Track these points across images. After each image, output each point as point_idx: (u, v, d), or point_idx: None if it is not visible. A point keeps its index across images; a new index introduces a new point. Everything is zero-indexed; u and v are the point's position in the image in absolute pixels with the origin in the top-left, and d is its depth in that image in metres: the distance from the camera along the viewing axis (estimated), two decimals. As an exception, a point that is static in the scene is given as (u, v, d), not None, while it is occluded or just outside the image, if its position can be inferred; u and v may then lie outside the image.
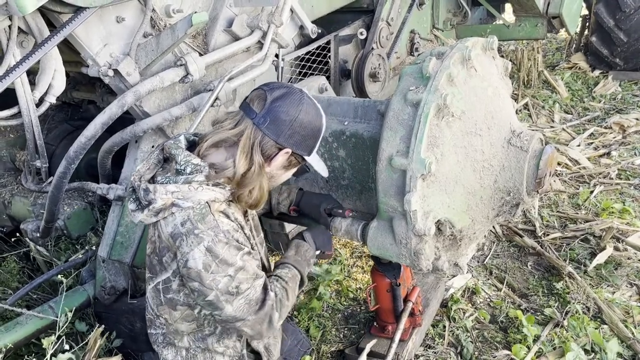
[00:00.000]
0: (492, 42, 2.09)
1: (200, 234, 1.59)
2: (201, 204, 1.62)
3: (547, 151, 2.06)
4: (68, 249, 3.14)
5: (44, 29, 2.12)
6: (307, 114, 1.69)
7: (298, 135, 1.69)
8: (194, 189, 1.61)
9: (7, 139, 3.44)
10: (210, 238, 1.59)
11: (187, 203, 1.60)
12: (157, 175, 1.71)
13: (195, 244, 1.58)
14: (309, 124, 1.70)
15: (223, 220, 1.65)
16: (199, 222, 1.60)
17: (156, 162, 1.74)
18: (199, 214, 1.61)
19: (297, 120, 1.66)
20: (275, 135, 1.65)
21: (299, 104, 1.67)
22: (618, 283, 3.22)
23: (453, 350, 2.85)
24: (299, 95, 1.69)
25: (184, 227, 1.60)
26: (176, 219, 1.61)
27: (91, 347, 2.33)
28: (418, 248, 1.95)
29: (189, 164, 1.65)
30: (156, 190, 1.60)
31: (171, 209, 1.61)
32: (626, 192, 4.18)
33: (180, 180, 1.63)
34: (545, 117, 5.81)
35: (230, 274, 1.62)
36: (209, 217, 1.62)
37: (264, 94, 1.67)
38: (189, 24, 2.17)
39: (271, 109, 1.64)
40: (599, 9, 6.25)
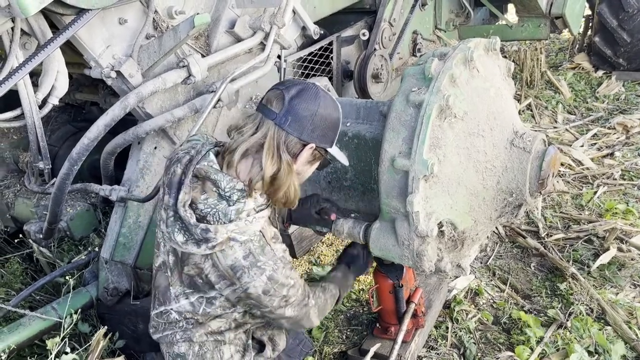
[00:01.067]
0: (494, 43, 2.09)
1: (262, 265, 1.70)
2: (257, 235, 1.72)
3: (550, 152, 2.05)
4: (71, 250, 3.14)
5: (47, 30, 2.12)
6: (326, 107, 1.72)
7: (320, 129, 1.72)
8: (249, 222, 1.69)
9: (10, 141, 3.45)
10: (270, 268, 1.72)
11: (244, 237, 1.68)
12: (195, 200, 1.70)
13: (258, 275, 1.70)
14: (329, 116, 1.73)
15: (278, 247, 1.78)
16: (260, 255, 1.71)
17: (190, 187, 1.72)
18: (258, 247, 1.71)
19: (317, 114, 1.69)
20: (298, 132, 1.68)
21: (316, 99, 1.69)
22: (622, 284, 3.20)
23: (456, 351, 2.85)
24: (315, 90, 1.72)
25: (247, 261, 1.69)
26: (236, 252, 1.68)
27: (94, 348, 2.34)
28: (420, 249, 1.95)
29: (234, 191, 1.68)
30: (217, 231, 1.65)
31: (229, 243, 1.67)
32: (630, 192, 4.16)
33: (231, 213, 1.67)
34: (548, 117, 5.80)
35: (284, 294, 1.78)
36: (267, 248, 1.73)
37: (280, 93, 1.68)
38: (191, 25, 2.17)
39: (291, 107, 1.66)
40: (602, 9, 6.23)
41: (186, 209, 1.68)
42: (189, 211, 1.67)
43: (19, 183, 3.36)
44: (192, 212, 1.68)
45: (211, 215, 1.68)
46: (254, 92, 2.91)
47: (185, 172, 1.75)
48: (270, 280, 1.71)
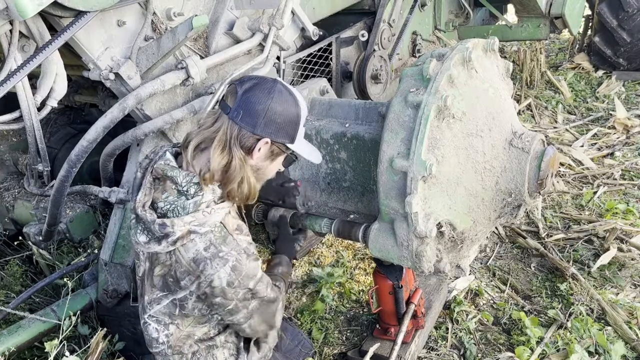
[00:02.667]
0: (492, 43, 2.09)
1: (224, 255, 1.67)
2: (217, 226, 1.70)
3: (549, 152, 2.05)
4: (70, 252, 3.14)
5: (45, 33, 2.12)
6: (281, 101, 1.68)
7: (274, 124, 1.69)
8: (207, 213, 1.67)
9: (9, 143, 3.45)
10: (234, 258, 1.69)
11: (204, 228, 1.66)
12: (155, 199, 1.72)
13: (221, 265, 1.67)
14: (284, 111, 1.69)
15: (241, 238, 1.75)
16: (222, 245, 1.68)
17: (150, 185, 1.76)
18: (219, 237, 1.69)
19: (271, 108, 1.66)
20: (251, 126, 1.66)
21: (270, 92, 1.67)
22: (622, 284, 3.20)
23: (456, 352, 2.85)
24: (271, 84, 1.69)
25: (208, 252, 1.67)
26: (197, 244, 1.67)
27: (93, 350, 2.33)
28: (419, 250, 1.95)
29: (191, 185, 1.68)
30: (174, 224, 1.64)
31: (190, 236, 1.66)
32: (630, 192, 4.16)
33: (190, 206, 1.67)
34: (548, 117, 5.80)
35: (250, 287, 1.75)
36: (229, 238, 1.71)
37: (234, 87, 1.69)
38: (189, 27, 2.17)
39: (243, 101, 1.65)
40: (602, 9, 6.24)
41: (145, 209, 1.69)
42: (148, 211, 1.68)
43: (18, 185, 3.37)
44: (152, 212, 1.69)
45: (171, 212, 1.69)
46: (253, 94, 2.91)
47: (144, 174, 1.78)
48: (234, 270, 1.68)
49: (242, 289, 1.73)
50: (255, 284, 1.76)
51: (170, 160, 1.75)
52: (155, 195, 1.73)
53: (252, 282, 1.74)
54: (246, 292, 1.75)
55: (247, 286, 1.73)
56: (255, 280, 1.76)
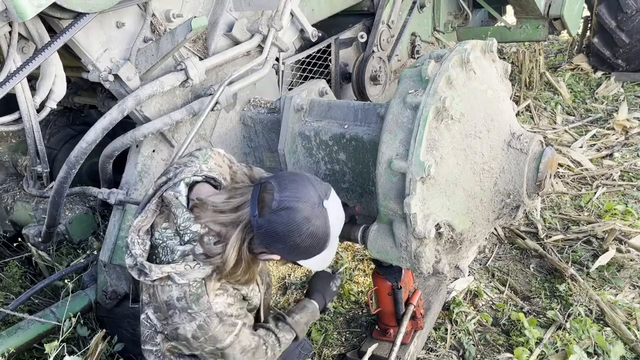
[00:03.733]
0: (491, 45, 2.09)
1: (193, 314, 1.61)
2: (197, 281, 1.61)
3: (547, 153, 2.06)
4: (70, 254, 3.14)
5: (44, 34, 2.12)
6: (309, 237, 1.55)
7: (292, 251, 1.60)
8: (190, 267, 1.59)
9: (9, 144, 3.45)
10: (202, 319, 1.62)
11: (182, 280, 1.59)
12: (155, 225, 1.67)
13: (187, 321, 1.62)
14: (310, 246, 1.59)
15: (219, 301, 1.65)
16: (193, 303, 1.61)
17: (155, 208, 1.70)
18: (194, 295, 1.61)
19: (296, 241, 1.55)
20: (265, 245, 1.59)
21: (303, 225, 1.53)
22: (621, 285, 3.20)
23: (455, 353, 2.85)
24: (309, 212, 1.53)
25: (179, 303, 1.61)
26: (172, 291, 1.61)
27: (93, 351, 2.33)
28: (418, 251, 1.95)
29: (188, 232, 1.61)
30: (151, 270, 1.59)
31: (167, 281, 1.61)
32: (629, 193, 4.16)
33: (177, 253, 1.60)
34: (547, 118, 5.80)
35: (217, 347, 1.68)
36: (203, 298, 1.62)
37: (272, 195, 1.54)
38: (188, 28, 2.17)
39: (271, 221, 1.52)
40: (601, 10, 6.23)
41: (140, 234, 1.64)
42: (141, 237, 1.63)
43: (17, 187, 3.36)
44: (144, 239, 1.64)
45: (161, 247, 1.64)
46: (252, 95, 2.92)
47: (153, 196, 1.72)
48: (201, 329, 1.63)
49: (208, 345, 1.67)
50: (224, 347, 1.69)
51: (181, 194, 1.66)
52: (157, 220, 1.67)
53: (219, 344, 1.67)
54: (214, 349, 1.69)
55: (215, 345, 1.67)
56: (225, 344, 1.68)
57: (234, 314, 1.70)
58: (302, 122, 2.42)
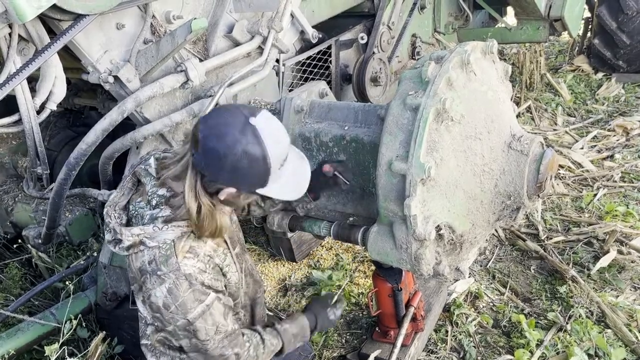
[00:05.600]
0: (491, 46, 2.09)
1: (162, 275, 1.60)
2: (167, 243, 1.62)
3: (548, 155, 2.05)
4: (70, 255, 3.14)
5: (44, 36, 2.13)
6: (245, 156, 1.52)
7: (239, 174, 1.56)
8: (158, 229, 1.61)
9: (9, 146, 3.45)
10: (171, 281, 1.60)
11: (152, 242, 1.61)
12: (131, 200, 1.73)
13: (157, 284, 1.61)
14: (249, 167, 1.55)
15: (187, 263, 1.63)
16: (162, 265, 1.61)
17: (130, 186, 1.76)
18: (163, 256, 1.61)
19: (234, 158, 1.52)
20: (214, 177, 1.57)
21: (234, 145, 1.51)
22: (622, 287, 3.20)
23: (456, 355, 2.84)
24: (236, 132, 1.52)
25: (150, 266, 1.62)
26: (144, 256, 1.63)
27: (93, 353, 2.33)
28: (418, 253, 1.94)
29: (155, 196, 1.66)
30: (122, 234, 1.62)
31: (140, 246, 1.63)
32: (630, 195, 4.16)
33: (146, 217, 1.65)
34: (548, 120, 5.79)
35: (188, 319, 1.64)
36: (172, 259, 1.61)
37: (197, 128, 1.57)
38: (188, 30, 2.17)
39: (205, 150, 1.53)
40: (602, 12, 6.23)
41: (116, 209, 1.69)
42: (117, 212, 1.69)
43: (17, 188, 3.37)
44: (120, 214, 1.69)
45: (134, 217, 1.69)
46: (252, 96, 2.92)
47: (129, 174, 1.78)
48: (170, 294, 1.60)
49: (180, 318, 1.63)
50: (195, 319, 1.64)
51: (150, 165, 1.72)
52: (133, 196, 1.74)
53: (190, 314, 1.63)
54: (186, 323, 1.64)
55: (186, 317, 1.63)
56: (195, 314, 1.64)
57: (205, 282, 1.66)
58: (303, 123, 2.41)
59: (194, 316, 1.64)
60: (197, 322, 1.65)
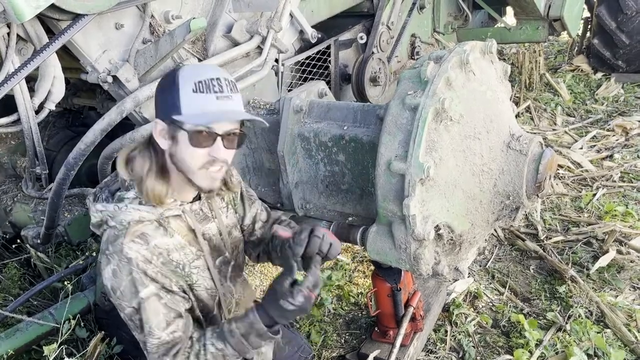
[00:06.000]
0: (490, 46, 2.09)
1: (108, 255, 1.58)
2: (123, 224, 1.59)
3: (547, 154, 2.05)
4: (69, 255, 3.13)
5: (43, 35, 2.12)
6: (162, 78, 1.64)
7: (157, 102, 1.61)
8: (118, 208, 1.60)
9: (8, 146, 3.45)
10: (115, 262, 1.56)
11: (112, 222, 1.61)
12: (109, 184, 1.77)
13: (105, 264, 1.59)
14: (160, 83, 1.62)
15: (132, 247, 1.55)
16: (110, 244, 1.58)
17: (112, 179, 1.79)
18: (113, 235, 1.59)
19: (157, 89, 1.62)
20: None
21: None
22: (621, 286, 3.20)
23: (455, 355, 2.84)
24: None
25: (104, 245, 1.61)
26: (105, 235, 1.63)
27: (91, 353, 2.33)
28: (417, 253, 1.94)
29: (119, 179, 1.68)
30: (90, 209, 1.66)
31: (104, 225, 1.64)
32: (629, 194, 4.16)
33: (116, 197, 1.66)
34: (547, 120, 5.80)
35: (134, 306, 1.58)
36: (119, 240, 1.56)
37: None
38: (187, 29, 2.16)
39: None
40: (601, 11, 6.24)
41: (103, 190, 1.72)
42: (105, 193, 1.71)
43: (16, 188, 3.36)
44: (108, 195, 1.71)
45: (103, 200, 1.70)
46: (251, 96, 2.91)
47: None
48: (114, 277, 1.55)
49: (126, 305, 1.57)
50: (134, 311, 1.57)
51: None
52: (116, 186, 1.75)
53: (134, 301, 1.56)
54: (132, 312, 1.58)
55: (131, 304, 1.57)
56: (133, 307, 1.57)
57: (148, 273, 1.56)
58: (302, 123, 2.41)
59: (133, 309, 1.58)
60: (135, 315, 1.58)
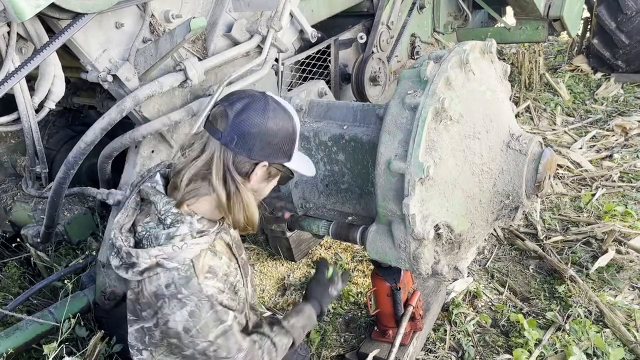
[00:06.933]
0: (490, 46, 2.09)
1: (183, 299, 1.54)
2: (186, 264, 1.55)
3: (546, 154, 2.05)
4: (68, 254, 3.14)
5: (43, 34, 2.12)
6: (276, 119, 1.57)
7: (272, 146, 1.58)
8: (178, 248, 1.54)
9: (8, 145, 3.45)
10: (193, 303, 1.54)
11: (171, 263, 1.54)
12: (137, 222, 1.65)
13: (177, 308, 1.54)
14: (280, 131, 1.59)
15: (209, 284, 1.57)
16: (183, 287, 1.54)
17: (134, 207, 1.69)
18: (183, 277, 1.54)
19: (267, 129, 1.55)
20: (247, 151, 1.55)
21: (265, 112, 1.56)
22: (620, 286, 3.20)
23: (454, 354, 2.84)
24: (263, 102, 1.57)
25: (168, 290, 1.54)
26: (160, 279, 1.55)
27: (91, 352, 2.33)
28: (417, 252, 1.94)
29: (169, 214, 1.59)
30: (139, 256, 1.54)
31: (156, 269, 1.55)
32: (628, 194, 4.16)
33: (162, 237, 1.57)
34: (547, 119, 5.80)
35: (210, 340, 1.60)
36: (193, 281, 1.54)
37: (223, 110, 1.55)
38: (187, 29, 2.17)
39: (235, 125, 1.53)
40: (601, 11, 6.24)
41: (123, 232, 1.61)
42: (124, 235, 1.61)
43: (16, 187, 3.36)
44: (127, 236, 1.60)
45: (145, 239, 1.59)
46: (251, 96, 2.91)
47: (131, 193, 1.71)
48: (192, 317, 1.54)
49: (201, 341, 1.58)
50: (216, 337, 1.60)
51: (158, 182, 1.67)
52: (138, 217, 1.66)
53: (212, 335, 1.59)
54: (207, 346, 1.59)
55: (207, 338, 1.58)
56: (217, 333, 1.60)
57: (224, 303, 1.61)
58: (301, 122, 2.41)
59: (214, 336, 1.60)
60: (219, 340, 1.61)
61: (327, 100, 2.69)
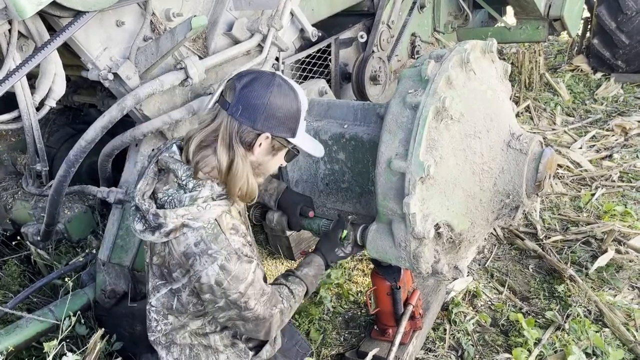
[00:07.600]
0: (491, 45, 2.09)
1: (213, 253, 1.65)
2: (211, 223, 1.67)
3: (547, 154, 2.05)
4: (68, 253, 3.14)
5: (44, 32, 2.12)
6: (280, 95, 1.67)
7: (274, 118, 1.68)
8: (202, 208, 1.66)
9: (8, 143, 3.45)
10: (223, 257, 1.65)
11: (197, 223, 1.65)
12: (157, 190, 1.75)
13: (209, 263, 1.65)
14: (284, 105, 1.69)
15: (234, 239, 1.70)
16: (212, 243, 1.66)
17: (153, 175, 1.79)
18: (211, 234, 1.66)
19: (270, 102, 1.65)
20: (250, 121, 1.65)
21: (269, 86, 1.66)
22: (619, 286, 3.20)
23: (454, 353, 2.85)
24: (269, 78, 1.69)
25: (198, 247, 1.65)
26: (188, 238, 1.66)
27: (91, 350, 2.33)
28: (417, 251, 1.95)
29: (190, 179, 1.70)
30: (166, 216, 1.64)
31: (182, 230, 1.66)
32: (628, 194, 4.16)
33: (186, 200, 1.67)
34: (547, 119, 5.80)
35: (240, 291, 1.70)
36: (221, 236, 1.67)
37: (232, 83, 1.68)
38: (188, 27, 2.17)
39: (242, 96, 1.65)
40: (601, 11, 6.24)
41: (145, 198, 1.71)
42: (147, 201, 1.70)
43: (16, 185, 3.37)
44: (150, 202, 1.71)
45: (168, 204, 1.70)
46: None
47: (149, 164, 1.81)
48: (223, 270, 1.65)
49: (232, 292, 1.69)
50: (246, 287, 1.71)
51: (175, 153, 1.76)
52: (157, 186, 1.76)
53: (242, 285, 1.70)
54: (238, 296, 1.70)
55: (238, 289, 1.69)
56: (246, 283, 1.71)
57: (248, 255, 1.73)
58: (302, 121, 2.42)
59: (245, 286, 1.70)
60: (248, 291, 1.71)
61: (327, 99, 2.69)
